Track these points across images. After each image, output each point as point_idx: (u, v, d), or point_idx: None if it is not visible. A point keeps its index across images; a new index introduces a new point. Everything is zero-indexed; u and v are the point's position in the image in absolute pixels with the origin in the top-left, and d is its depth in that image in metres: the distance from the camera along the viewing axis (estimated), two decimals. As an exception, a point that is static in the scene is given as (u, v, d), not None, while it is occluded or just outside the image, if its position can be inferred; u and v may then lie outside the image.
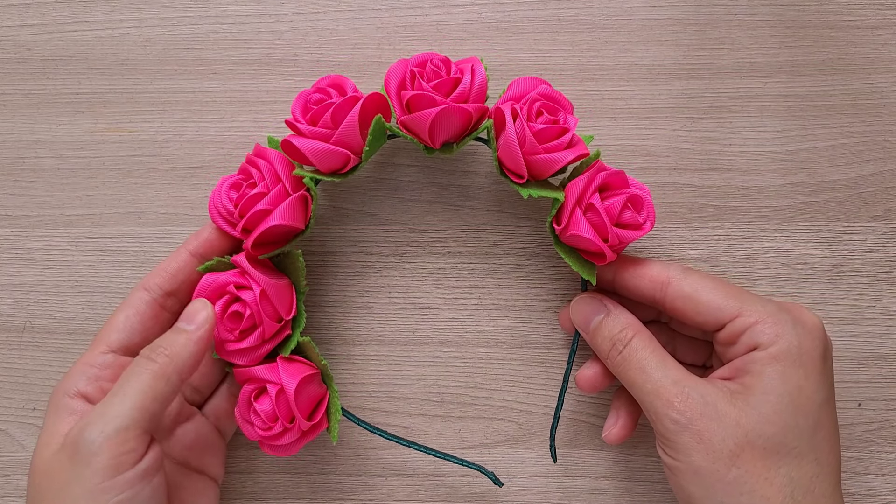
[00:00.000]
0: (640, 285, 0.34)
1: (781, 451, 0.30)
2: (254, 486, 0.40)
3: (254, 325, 0.34)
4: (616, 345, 0.34)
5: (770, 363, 0.31)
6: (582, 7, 0.39)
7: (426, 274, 0.40)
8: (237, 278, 0.34)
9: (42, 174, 0.40)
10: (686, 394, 0.31)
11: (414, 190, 0.40)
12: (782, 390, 0.31)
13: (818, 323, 0.33)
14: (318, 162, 0.34)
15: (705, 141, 0.39)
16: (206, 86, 0.40)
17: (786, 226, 0.39)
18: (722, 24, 0.39)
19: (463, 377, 0.40)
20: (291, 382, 0.33)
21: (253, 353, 0.34)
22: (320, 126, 0.33)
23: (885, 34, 0.39)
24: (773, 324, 0.32)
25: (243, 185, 0.34)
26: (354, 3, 0.40)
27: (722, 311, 0.32)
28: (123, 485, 0.29)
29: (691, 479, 0.31)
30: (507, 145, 0.33)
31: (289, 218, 0.33)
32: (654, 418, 0.32)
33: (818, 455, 0.31)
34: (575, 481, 0.39)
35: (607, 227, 0.32)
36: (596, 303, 0.35)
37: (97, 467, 0.29)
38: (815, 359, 0.31)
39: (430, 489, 0.39)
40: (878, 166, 0.39)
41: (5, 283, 0.40)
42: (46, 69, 0.40)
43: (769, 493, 0.30)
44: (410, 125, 0.34)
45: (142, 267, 0.40)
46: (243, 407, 0.34)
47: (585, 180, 0.33)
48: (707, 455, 0.30)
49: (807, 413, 0.31)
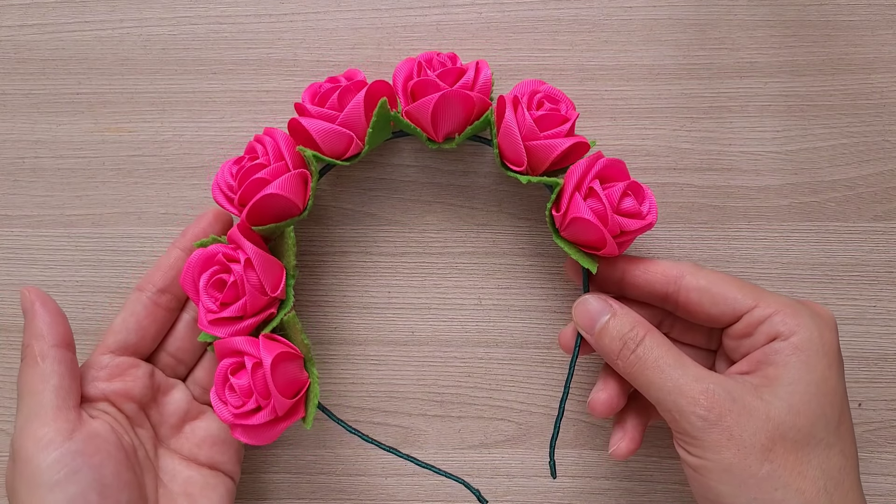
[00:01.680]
0: (651, 280, 0.34)
1: (812, 443, 0.30)
2: (254, 486, 0.40)
3: (236, 295, 0.33)
4: (628, 343, 0.32)
5: (794, 353, 0.31)
6: (582, 7, 0.39)
7: (426, 274, 0.40)
8: (226, 249, 0.33)
9: (42, 174, 0.40)
10: (711, 390, 0.30)
11: (414, 190, 0.40)
12: (809, 379, 0.30)
13: (832, 316, 0.32)
14: (322, 142, 0.34)
15: (705, 141, 0.39)
16: (206, 86, 0.40)
17: (786, 226, 0.39)
18: (722, 24, 0.39)
19: (463, 377, 0.40)
20: (268, 356, 0.32)
21: (234, 326, 0.33)
22: (327, 107, 0.34)
23: (885, 34, 0.39)
24: (792, 314, 0.31)
25: (245, 159, 0.34)
26: (354, 3, 0.40)
27: (738, 303, 0.32)
28: (55, 465, 0.30)
29: (720, 477, 0.30)
30: (506, 132, 0.33)
31: (286, 189, 0.33)
32: (677, 417, 0.31)
33: (843, 447, 0.30)
34: (575, 481, 0.39)
35: (607, 213, 0.32)
36: (601, 302, 0.34)
37: (27, 458, 0.31)
38: (835, 350, 0.31)
39: (429, 489, 0.39)
40: (878, 166, 0.39)
41: (5, 283, 0.40)
42: (46, 69, 0.40)
43: (804, 487, 0.29)
44: (415, 114, 0.34)
45: (142, 267, 0.40)
46: (219, 384, 0.33)
47: (585, 165, 0.33)
48: (738, 451, 0.29)
49: (832, 403, 0.30)
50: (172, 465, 0.35)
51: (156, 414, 0.36)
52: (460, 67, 0.35)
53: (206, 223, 0.36)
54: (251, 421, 0.32)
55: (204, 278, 0.33)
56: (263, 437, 0.33)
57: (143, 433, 0.35)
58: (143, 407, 0.35)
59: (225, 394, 0.32)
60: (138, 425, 0.35)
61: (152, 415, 0.36)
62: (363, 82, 0.35)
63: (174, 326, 0.37)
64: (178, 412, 0.36)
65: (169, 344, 0.36)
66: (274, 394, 0.32)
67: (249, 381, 0.32)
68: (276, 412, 0.32)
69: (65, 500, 0.30)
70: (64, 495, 0.30)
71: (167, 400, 0.36)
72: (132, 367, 0.35)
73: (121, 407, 0.35)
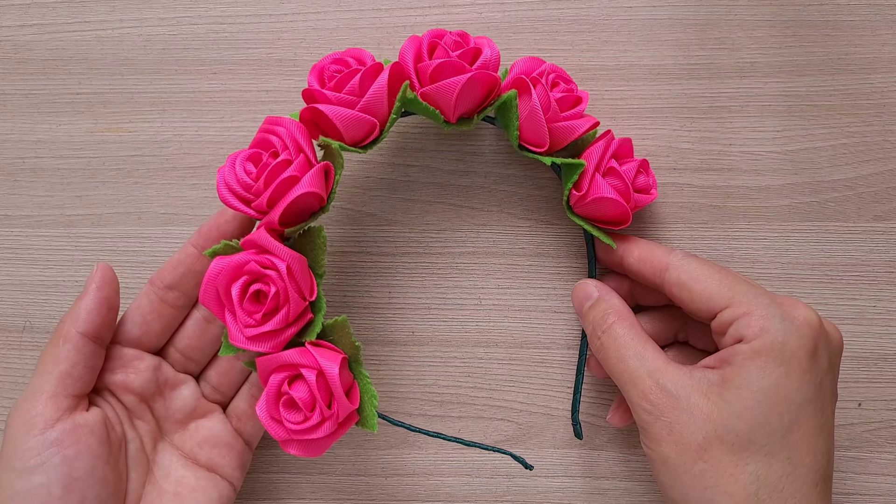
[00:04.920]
0: (642, 270, 0.35)
1: (750, 449, 0.30)
2: (254, 486, 0.40)
3: (277, 306, 0.31)
4: (596, 330, 0.34)
5: (751, 357, 0.31)
6: (582, 7, 0.39)
7: (426, 274, 0.40)
8: (258, 257, 0.31)
9: (42, 174, 0.40)
10: (660, 385, 0.31)
11: (414, 190, 0.40)
12: (757, 386, 0.30)
13: (812, 319, 0.31)
14: (345, 130, 0.32)
15: (705, 141, 0.39)
16: (205, 86, 0.40)
17: (786, 226, 0.39)
18: (722, 24, 0.39)
19: (462, 377, 0.40)
20: (332, 365, 0.30)
21: (276, 338, 0.31)
22: (346, 92, 0.32)
23: (885, 34, 0.39)
24: (760, 317, 0.31)
25: (264, 156, 0.31)
26: (354, 3, 0.40)
27: (713, 301, 0.32)
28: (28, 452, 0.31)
29: (660, 468, 0.31)
30: (533, 114, 0.34)
31: (316, 185, 0.31)
32: (631, 408, 0.33)
33: (791, 454, 0.30)
34: (575, 481, 0.39)
35: (629, 190, 0.34)
36: (590, 287, 0.36)
37: (11, 435, 0.31)
38: (799, 357, 0.31)
39: (429, 489, 0.39)
40: (878, 166, 0.39)
41: (5, 283, 0.40)
42: (46, 69, 0.40)
43: (733, 490, 0.30)
44: (434, 95, 0.33)
45: (142, 267, 0.40)
46: (271, 402, 0.31)
47: (602, 146, 0.34)
48: (675, 447, 0.31)
49: (781, 412, 0.30)
50: (170, 461, 0.35)
51: (161, 407, 0.36)
52: (475, 46, 0.34)
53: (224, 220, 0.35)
54: (314, 435, 0.30)
55: (236, 292, 0.30)
56: (319, 449, 0.31)
57: (142, 426, 0.35)
58: (145, 399, 0.35)
59: (280, 411, 0.31)
60: (138, 417, 0.35)
61: (157, 408, 0.35)
62: (380, 65, 0.32)
63: (183, 323, 0.36)
64: (185, 408, 0.36)
65: (177, 341, 0.36)
66: (341, 401, 0.30)
67: (312, 392, 0.30)
68: (338, 420, 0.31)
69: (28, 488, 0.30)
70: (28, 484, 0.30)
71: (175, 395, 0.36)
72: (136, 360, 0.35)
73: (120, 398, 0.34)
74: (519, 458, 0.37)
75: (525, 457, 0.39)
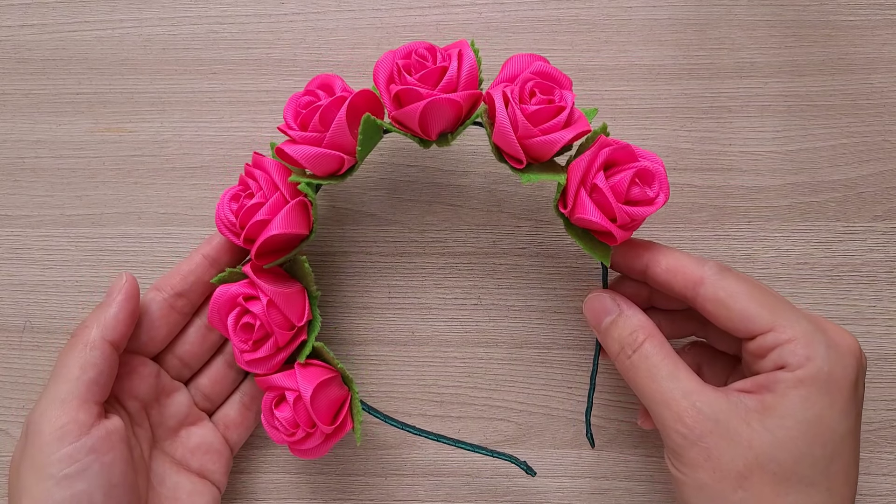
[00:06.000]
0: (672, 281, 0.32)
1: (792, 479, 0.29)
2: (254, 486, 0.40)
3: (266, 334, 0.34)
4: (625, 349, 0.32)
5: (795, 386, 0.29)
6: (582, 7, 0.39)
7: (425, 274, 0.40)
8: (247, 289, 0.34)
9: (42, 174, 0.40)
10: (697, 409, 0.30)
11: (413, 190, 0.40)
12: (802, 417, 0.29)
13: (854, 346, 0.30)
14: (312, 167, 0.33)
15: (705, 141, 0.39)
16: (205, 86, 0.40)
17: (786, 226, 0.39)
18: (722, 24, 0.39)
19: (462, 377, 0.40)
20: (308, 388, 0.32)
21: (269, 362, 0.34)
22: (311, 130, 0.32)
23: (885, 34, 0.39)
24: (805, 345, 0.29)
25: (242, 196, 0.34)
26: (354, 3, 0.40)
27: (754, 323, 0.30)
28: (66, 459, 0.30)
29: (695, 494, 0.30)
30: (500, 132, 0.32)
31: (289, 226, 0.33)
32: (662, 430, 0.31)
33: (831, 485, 0.29)
34: (575, 481, 0.39)
35: (613, 207, 0.31)
36: (608, 301, 0.33)
37: (40, 443, 0.30)
38: (844, 388, 0.29)
39: (429, 489, 0.39)
40: (878, 166, 0.39)
41: (5, 283, 0.40)
42: (46, 69, 0.40)
43: None
44: (402, 119, 0.33)
45: (142, 267, 0.40)
46: (267, 414, 0.34)
47: (588, 159, 0.31)
48: (713, 473, 0.29)
49: (825, 443, 0.29)
50: (163, 468, 0.35)
51: (156, 414, 0.36)
52: (441, 66, 0.32)
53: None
54: (304, 445, 0.34)
55: (231, 322, 0.34)
56: (317, 453, 0.34)
57: (140, 433, 0.35)
58: (144, 406, 0.35)
59: (275, 422, 0.34)
60: (137, 424, 0.35)
61: (153, 415, 0.36)
62: (342, 98, 0.32)
63: (185, 330, 0.36)
64: (178, 415, 0.36)
65: (178, 347, 0.36)
66: (317, 423, 0.33)
67: (292, 414, 0.33)
68: (324, 434, 0.34)
69: (70, 496, 0.30)
70: (70, 492, 0.30)
71: (169, 402, 0.36)
72: (141, 366, 0.35)
73: (125, 404, 0.35)
74: (522, 464, 0.36)
75: (525, 457, 0.39)
